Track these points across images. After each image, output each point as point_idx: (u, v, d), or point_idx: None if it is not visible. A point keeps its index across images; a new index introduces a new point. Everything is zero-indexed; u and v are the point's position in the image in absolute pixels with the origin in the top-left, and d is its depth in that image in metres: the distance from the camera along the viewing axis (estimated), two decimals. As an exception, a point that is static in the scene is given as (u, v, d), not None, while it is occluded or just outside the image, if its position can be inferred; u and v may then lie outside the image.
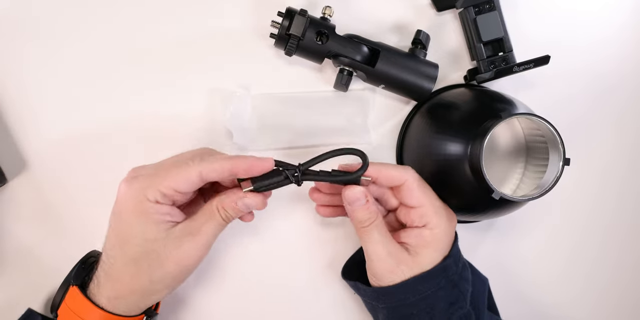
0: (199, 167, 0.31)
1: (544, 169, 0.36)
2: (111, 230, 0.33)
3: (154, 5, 0.41)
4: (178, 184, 0.31)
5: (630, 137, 0.45)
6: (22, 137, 0.40)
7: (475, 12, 0.40)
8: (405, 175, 0.34)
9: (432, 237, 0.34)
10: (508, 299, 0.40)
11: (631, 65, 0.44)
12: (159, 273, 0.32)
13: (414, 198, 0.34)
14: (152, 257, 0.32)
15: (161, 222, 0.32)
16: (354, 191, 0.33)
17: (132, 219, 0.31)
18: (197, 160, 0.32)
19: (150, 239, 0.31)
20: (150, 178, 0.32)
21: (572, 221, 0.45)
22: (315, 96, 0.42)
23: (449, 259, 0.34)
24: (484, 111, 0.37)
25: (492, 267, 0.43)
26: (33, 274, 0.40)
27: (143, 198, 0.31)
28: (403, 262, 0.33)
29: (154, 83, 0.41)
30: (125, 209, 0.32)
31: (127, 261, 0.32)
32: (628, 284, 0.45)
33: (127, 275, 0.32)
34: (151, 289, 0.33)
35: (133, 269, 0.32)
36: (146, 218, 0.31)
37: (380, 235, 0.33)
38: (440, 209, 0.34)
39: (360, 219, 0.33)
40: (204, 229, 0.32)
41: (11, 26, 0.40)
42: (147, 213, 0.31)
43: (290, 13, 0.37)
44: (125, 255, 0.32)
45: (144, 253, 0.31)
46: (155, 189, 0.31)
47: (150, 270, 0.32)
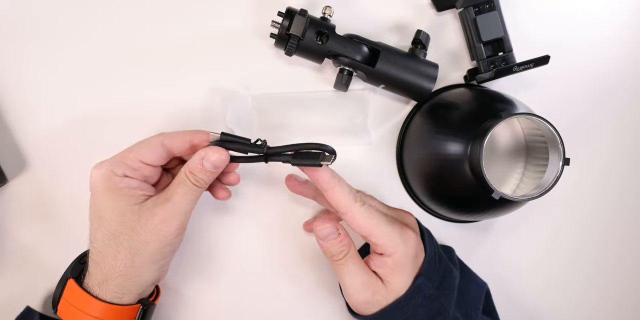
0: (161, 137, 0.34)
1: (544, 169, 0.36)
2: (90, 214, 0.33)
3: (153, 5, 0.41)
4: (143, 155, 0.33)
5: (630, 137, 0.45)
6: (23, 137, 0.40)
7: (475, 12, 0.40)
8: (344, 210, 0.32)
9: (394, 263, 0.32)
10: (507, 299, 0.40)
11: (631, 65, 0.44)
12: (138, 246, 0.32)
13: (358, 228, 0.32)
14: (128, 231, 0.32)
15: (132, 195, 0.33)
16: (325, 227, 0.32)
17: (104, 196, 0.32)
18: (159, 134, 0.34)
19: (123, 212, 0.32)
20: (116, 157, 0.33)
21: (572, 221, 0.45)
22: (315, 96, 0.42)
23: (419, 278, 0.33)
24: (484, 111, 0.37)
25: (491, 267, 0.43)
26: (33, 273, 0.40)
27: (111, 174, 0.32)
28: (378, 292, 0.32)
29: (154, 83, 0.41)
30: (96, 188, 0.33)
31: (106, 240, 0.32)
32: (628, 284, 0.45)
33: (110, 254, 0.32)
34: (135, 266, 0.32)
35: (113, 246, 0.32)
36: (116, 193, 0.32)
37: (354, 267, 0.32)
38: (390, 234, 0.32)
39: (334, 252, 0.32)
40: (175, 196, 0.33)
41: (11, 26, 0.40)
42: (117, 188, 0.32)
43: (290, 13, 0.37)
44: (104, 234, 0.32)
45: (120, 228, 0.32)
46: (122, 164, 0.33)
47: (129, 244, 0.32)
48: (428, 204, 0.42)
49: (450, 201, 0.39)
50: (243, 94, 0.40)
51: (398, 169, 0.43)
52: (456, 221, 0.43)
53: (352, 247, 0.33)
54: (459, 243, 0.42)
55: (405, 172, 0.42)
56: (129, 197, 0.33)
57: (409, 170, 0.42)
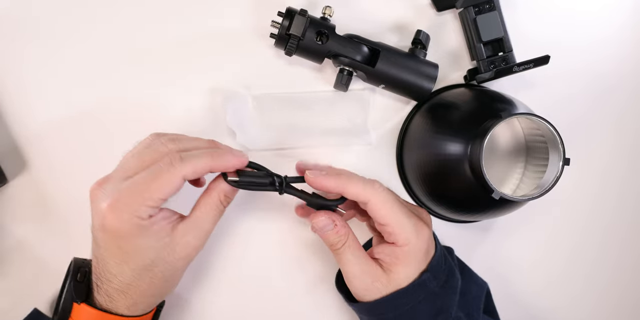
0: (182, 172, 0.30)
1: (544, 169, 0.36)
2: (107, 252, 0.31)
3: (153, 5, 0.41)
4: (165, 194, 0.30)
5: (630, 137, 0.45)
6: (23, 137, 0.40)
7: (475, 12, 0.40)
8: (367, 196, 0.32)
9: (402, 254, 0.33)
10: (507, 298, 0.40)
11: (631, 65, 0.44)
12: (171, 273, 0.33)
13: (379, 217, 0.33)
14: (162, 264, 0.32)
15: (161, 229, 0.31)
16: (320, 219, 0.33)
17: (133, 239, 0.31)
18: (176, 161, 0.30)
19: (157, 247, 0.31)
20: (133, 196, 0.30)
21: (572, 221, 0.45)
22: (315, 96, 0.42)
23: (426, 274, 0.33)
24: (484, 111, 0.37)
25: (491, 266, 0.43)
26: (33, 273, 0.40)
27: (137, 220, 0.30)
28: (377, 280, 0.33)
29: (154, 83, 0.41)
30: (119, 233, 0.30)
31: (137, 274, 0.32)
32: (628, 284, 0.45)
33: (143, 284, 0.32)
34: (166, 287, 0.34)
35: (147, 279, 0.32)
36: (147, 233, 0.31)
37: (352, 256, 0.33)
38: (406, 227, 0.33)
39: (331, 242, 0.34)
40: (206, 220, 0.33)
41: (11, 26, 0.40)
42: (146, 229, 0.31)
43: (290, 13, 0.37)
44: (133, 269, 0.31)
45: (155, 260, 0.31)
46: (145, 206, 0.30)
47: (164, 272, 0.32)
48: (428, 204, 0.42)
49: (450, 201, 0.39)
50: (243, 94, 0.40)
51: (398, 169, 0.43)
52: (456, 221, 0.43)
53: (351, 237, 0.34)
54: (459, 243, 0.42)
55: (405, 172, 0.42)
56: (159, 233, 0.31)
57: (409, 170, 0.42)
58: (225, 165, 0.32)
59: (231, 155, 0.32)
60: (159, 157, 0.31)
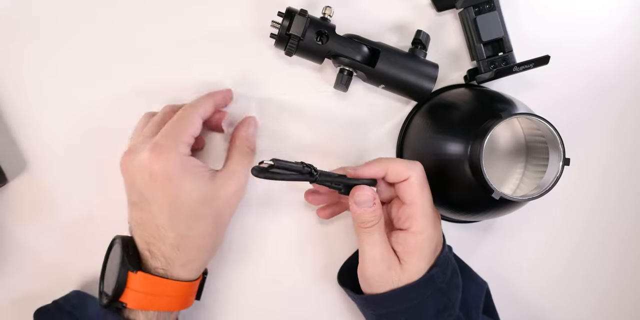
0: (198, 112, 0.35)
1: (544, 169, 0.36)
2: (157, 205, 0.32)
3: (153, 6, 0.41)
4: (193, 131, 0.34)
5: (630, 137, 0.45)
6: (22, 137, 0.40)
7: (475, 12, 0.40)
8: (410, 172, 0.34)
9: (415, 243, 0.33)
10: (507, 299, 0.40)
11: (631, 65, 0.44)
12: (220, 221, 0.34)
13: (409, 195, 0.33)
14: (211, 211, 0.33)
15: (202, 174, 0.33)
16: (365, 192, 0.33)
17: (181, 180, 0.32)
18: (192, 109, 0.35)
19: (203, 190, 0.33)
20: (168, 138, 0.33)
21: (572, 221, 0.45)
22: (314, 100, 0.42)
23: (435, 268, 0.33)
24: (484, 111, 0.36)
25: (491, 267, 0.43)
26: (33, 273, 0.40)
27: (181, 157, 0.32)
28: (392, 268, 0.33)
29: (153, 83, 0.41)
30: (170, 175, 0.32)
31: (191, 221, 0.33)
32: (628, 284, 0.45)
33: (196, 234, 0.33)
34: (216, 238, 0.35)
35: (200, 228, 0.33)
36: (191, 174, 0.33)
37: (380, 237, 0.33)
38: (428, 214, 0.34)
39: (365, 220, 0.33)
40: (240, 168, 0.35)
41: (11, 26, 0.40)
42: (190, 170, 0.33)
43: (290, 13, 0.37)
44: (188, 216, 0.33)
45: (204, 205, 0.33)
46: (183, 144, 0.33)
47: (213, 222, 0.34)
48: (428, 204, 0.42)
49: (450, 201, 0.39)
50: (246, 97, 0.40)
51: (398, 169, 0.43)
52: (456, 221, 0.43)
53: (382, 219, 0.34)
54: (459, 243, 0.42)
55: (405, 172, 0.42)
56: (202, 177, 0.33)
57: (409, 170, 0.42)
58: (223, 97, 0.38)
59: (219, 92, 0.38)
60: (174, 108, 0.36)
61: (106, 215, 0.40)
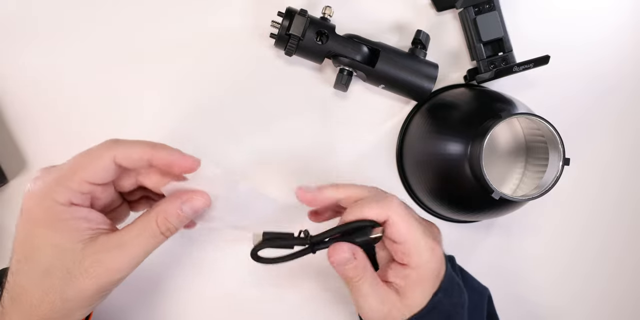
0: (113, 151, 0.27)
1: (544, 169, 0.36)
2: (16, 243, 0.27)
3: (153, 6, 0.41)
4: (90, 174, 0.27)
5: (630, 137, 0.45)
6: (22, 137, 0.40)
7: (475, 12, 0.40)
8: (386, 212, 0.30)
9: (417, 277, 0.30)
10: (507, 299, 0.40)
11: (631, 65, 0.44)
12: (72, 291, 0.27)
13: (396, 235, 0.30)
14: (64, 275, 0.26)
15: (77, 230, 0.27)
16: (340, 252, 0.29)
17: (41, 229, 0.26)
18: (110, 144, 0.28)
19: (63, 250, 0.26)
20: (57, 175, 0.27)
21: (572, 221, 0.45)
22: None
23: (439, 294, 0.31)
24: (483, 111, 0.37)
25: (491, 267, 0.43)
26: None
27: (52, 202, 0.26)
28: (394, 308, 0.30)
29: (153, 83, 0.41)
30: (31, 217, 0.27)
31: (35, 277, 0.26)
32: (628, 284, 0.45)
33: (35, 295, 0.26)
34: (63, 311, 0.27)
35: (41, 287, 0.26)
36: (58, 226, 0.26)
37: (370, 289, 0.30)
38: (422, 246, 0.30)
39: (349, 277, 0.30)
40: (135, 243, 0.27)
41: (11, 26, 0.40)
42: (60, 219, 0.26)
43: (290, 13, 0.37)
44: (33, 270, 0.26)
45: (54, 269, 0.26)
46: (65, 187, 0.26)
47: (62, 285, 0.26)
48: (428, 204, 0.42)
49: (450, 201, 0.39)
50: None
51: (398, 169, 0.43)
52: (456, 221, 0.43)
53: (368, 268, 0.31)
54: (459, 243, 0.42)
55: (405, 172, 0.42)
56: (73, 232, 0.26)
57: (409, 170, 0.42)
58: (169, 159, 0.28)
59: (180, 152, 0.28)
60: (98, 145, 0.28)
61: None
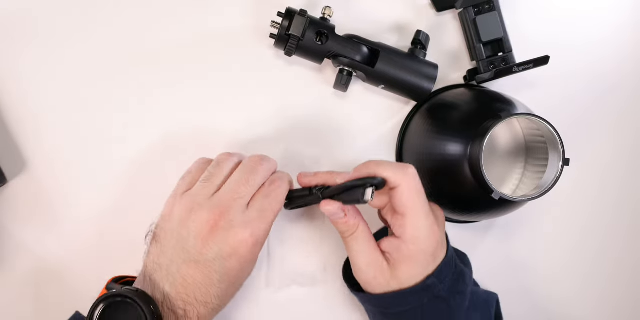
0: (285, 193, 0.35)
1: (544, 169, 0.36)
2: (223, 277, 0.32)
3: (154, 7, 0.41)
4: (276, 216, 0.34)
5: (630, 137, 0.45)
6: (22, 137, 0.40)
7: (475, 12, 0.40)
8: (399, 180, 0.31)
9: (408, 253, 0.32)
10: (508, 299, 0.40)
11: (631, 65, 0.44)
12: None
13: (399, 205, 0.32)
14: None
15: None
16: (328, 207, 0.32)
17: (253, 260, 0.34)
18: (279, 188, 0.34)
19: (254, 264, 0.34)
20: (264, 224, 0.33)
21: (571, 221, 0.45)
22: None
23: (431, 279, 0.32)
24: (483, 111, 0.37)
25: (491, 267, 0.43)
26: (33, 273, 0.40)
27: (263, 244, 0.34)
28: (381, 274, 0.32)
29: (153, 84, 0.41)
30: (251, 259, 0.33)
31: (236, 289, 0.34)
32: (628, 284, 0.45)
33: (230, 297, 0.34)
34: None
35: (236, 291, 0.34)
36: (258, 252, 0.34)
37: (360, 247, 0.33)
38: (421, 224, 0.32)
39: (340, 230, 0.34)
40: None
41: (11, 26, 0.40)
42: (260, 247, 0.34)
43: (290, 13, 0.37)
44: (237, 286, 0.34)
45: (246, 276, 0.35)
46: (270, 226, 0.34)
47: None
48: (428, 204, 0.42)
49: (450, 201, 0.39)
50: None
51: (398, 169, 0.43)
52: (456, 221, 0.43)
53: (361, 228, 0.33)
54: (459, 243, 0.42)
55: (405, 172, 0.42)
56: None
57: (408, 171, 0.41)
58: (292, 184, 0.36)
59: (288, 176, 0.36)
60: (260, 180, 0.34)
61: (106, 215, 0.40)
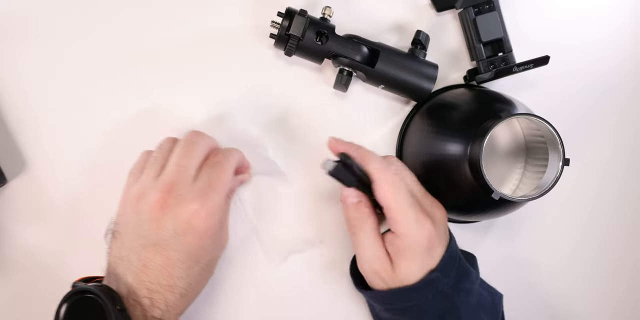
0: (232, 165, 0.34)
1: (544, 169, 0.36)
2: (182, 255, 0.31)
3: (153, 7, 0.41)
4: (230, 186, 0.34)
5: (630, 137, 0.45)
6: (22, 137, 0.40)
7: (475, 12, 0.40)
8: (376, 174, 0.32)
9: (402, 246, 0.32)
10: (508, 298, 0.40)
11: (631, 65, 0.44)
12: (214, 266, 0.35)
13: (381, 198, 0.32)
14: (216, 255, 0.35)
15: (225, 224, 0.35)
16: (349, 190, 0.33)
17: (214, 235, 0.33)
18: (227, 157, 0.34)
19: (222, 242, 0.34)
20: (217, 192, 0.32)
21: (571, 221, 0.45)
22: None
23: (434, 273, 0.32)
24: (483, 111, 0.37)
25: (492, 267, 0.43)
26: (33, 274, 0.40)
27: (222, 215, 0.33)
28: (383, 269, 0.32)
29: (153, 84, 0.41)
30: (210, 232, 0.32)
31: (202, 269, 0.32)
32: (628, 284, 0.45)
33: (201, 281, 0.33)
34: (206, 281, 0.35)
35: (205, 273, 0.33)
36: (222, 228, 0.34)
37: (367, 239, 0.33)
38: (409, 216, 0.32)
39: (349, 217, 0.34)
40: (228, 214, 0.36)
41: (11, 26, 0.40)
42: (223, 225, 0.34)
43: (290, 13, 0.37)
44: (202, 265, 0.32)
45: (217, 256, 0.34)
46: (226, 202, 0.34)
47: (213, 266, 0.34)
48: (428, 204, 0.42)
49: (449, 201, 0.39)
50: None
51: (398, 169, 0.43)
52: (456, 221, 0.43)
53: (371, 220, 0.33)
54: (459, 243, 0.42)
55: (405, 172, 0.42)
56: (224, 227, 0.35)
57: (408, 171, 0.41)
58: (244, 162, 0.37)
59: (234, 149, 0.36)
60: (206, 153, 0.34)
61: (106, 214, 0.40)
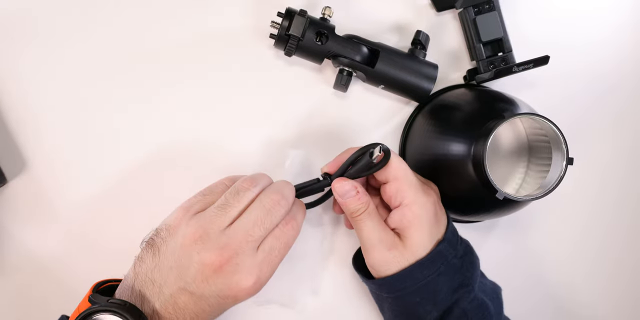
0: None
1: (547, 169, 0.36)
2: (213, 308, 0.31)
3: (153, 7, 0.41)
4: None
5: (630, 137, 0.45)
6: (22, 137, 0.40)
7: (475, 12, 0.40)
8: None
9: (412, 214, 0.33)
10: (510, 298, 0.39)
11: (631, 65, 0.44)
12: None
13: (392, 171, 0.34)
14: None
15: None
16: (343, 184, 0.34)
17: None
18: (294, 227, 0.33)
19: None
20: (270, 272, 0.32)
21: (574, 220, 0.44)
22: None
23: (442, 244, 0.33)
24: (486, 111, 0.36)
25: (494, 267, 0.42)
26: (32, 274, 0.40)
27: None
28: (394, 248, 0.33)
29: (153, 84, 0.41)
30: (245, 296, 0.32)
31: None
32: (628, 284, 0.45)
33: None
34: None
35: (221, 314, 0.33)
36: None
37: (372, 223, 0.34)
38: (415, 184, 0.34)
39: (352, 209, 0.34)
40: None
41: (11, 26, 0.40)
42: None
43: (290, 13, 0.37)
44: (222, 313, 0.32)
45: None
46: (270, 276, 0.33)
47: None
48: (430, 205, 0.41)
49: (453, 201, 0.38)
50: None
51: (399, 170, 0.43)
52: (459, 221, 0.43)
53: (371, 205, 0.34)
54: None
55: (406, 173, 0.42)
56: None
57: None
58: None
59: (300, 203, 0.35)
60: (276, 221, 0.32)
61: (106, 215, 0.40)
